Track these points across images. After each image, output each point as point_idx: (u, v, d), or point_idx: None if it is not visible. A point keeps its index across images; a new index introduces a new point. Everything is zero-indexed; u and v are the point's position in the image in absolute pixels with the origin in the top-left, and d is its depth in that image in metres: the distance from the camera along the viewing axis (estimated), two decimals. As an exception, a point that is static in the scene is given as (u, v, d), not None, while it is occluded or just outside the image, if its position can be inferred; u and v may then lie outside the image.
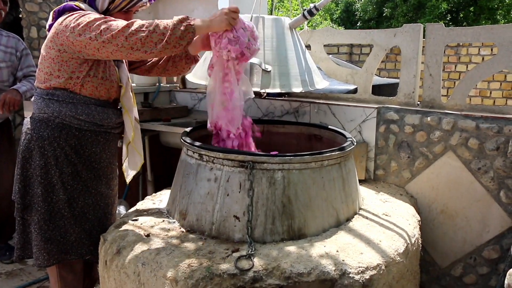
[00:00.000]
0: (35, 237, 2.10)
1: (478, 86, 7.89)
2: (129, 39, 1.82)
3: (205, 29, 1.96)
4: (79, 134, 2.08)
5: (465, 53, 8.15)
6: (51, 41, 2.00)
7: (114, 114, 2.17)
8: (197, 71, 2.51)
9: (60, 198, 2.07)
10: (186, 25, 1.86)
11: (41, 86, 2.08)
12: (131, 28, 1.83)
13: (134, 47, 1.83)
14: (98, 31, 1.84)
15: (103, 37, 1.83)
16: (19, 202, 2.12)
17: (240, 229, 1.85)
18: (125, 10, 2.13)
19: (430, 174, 2.60)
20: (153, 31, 1.82)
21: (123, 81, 2.18)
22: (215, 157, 1.93)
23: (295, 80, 2.39)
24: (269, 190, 1.85)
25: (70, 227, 2.10)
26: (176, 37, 1.84)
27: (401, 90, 2.77)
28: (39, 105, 2.08)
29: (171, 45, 1.85)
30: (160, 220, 2.08)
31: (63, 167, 2.06)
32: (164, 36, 1.83)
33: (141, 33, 1.82)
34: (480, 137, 2.42)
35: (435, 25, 2.64)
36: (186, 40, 1.87)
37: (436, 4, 14.40)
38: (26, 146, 2.09)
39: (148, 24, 1.84)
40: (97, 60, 2.04)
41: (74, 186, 2.09)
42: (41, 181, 2.06)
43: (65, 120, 2.05)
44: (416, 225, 2.17)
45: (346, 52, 9.00)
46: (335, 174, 2.01)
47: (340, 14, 18.64)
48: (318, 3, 2.57)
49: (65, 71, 2.01)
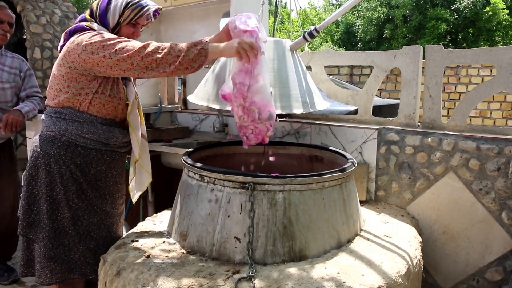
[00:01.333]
0: (39, 255, 2.10)
1: (479, 106, 7.90)
2: (145, 59, 1.89)
3: (217, 55, 2.01)
4: (84, 152, 2.10)
5: (465, 73, 8.19)
6: (63, 59, 2.07)
7: (120, 133, 2.19)
8: (199, 92, 2.52)
9: (65, 216, 2.07)
10: (200, 49, 1.92)
11: (50, 104, 2.12)
12: (147, 49, 1.90)
13: (149, 67, 1.91)
14: (113, 50, 1.92)
15: (118, 55, 1.91)
16: (23, 219, 2.12)
17: (241, 250, 1.84)
18: (133, 23, 2.18)
19: (431, 195, 2.60)
20: (169, 53, 1.89)
21: (130, 99, 2.20)
22: (216, 178, 1.93)
23: (296, 102, 2.41)
24: (270, 211, 1.85)
25: (75, 245, 2.10)
26: (189, 59, 1.90)
27: (402, 111, 2.78)
28: (46, 123, 2.12)
29: (183, 66, 1.91)
30: (161, 241, 2.07)
31: (68, 185, 2.07)
32: (178, 58, 1.89)
33: (157, 54, 1.89)
34: (480, 158, 2.42)
35: (434, 47, 2.66)
36: (198, 63, 1.93)
37: (435, 25, 14.54)
38: (33, 164, 2.11)
39: (164, 46, 1.91)
40: (106, 78, 2.09)
41: (79, 204, 2.10)
42: (46, 198, 2.07)
43: (71, 138, 2.07)
44: (417, 247, 2.16)
45: (347, 73, 9.05)
46: (336, 195, 2.01)
47: (341, 35, 18.82)
48: (318, 25, 2.60)
49: (74, 87, 2.05)
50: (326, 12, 22.87)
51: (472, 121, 7.95)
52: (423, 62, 2.69)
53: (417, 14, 15.10)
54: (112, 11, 2.14)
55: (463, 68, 8.15)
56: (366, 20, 16.46)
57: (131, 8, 2.15)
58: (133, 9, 2.16)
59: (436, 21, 14.61)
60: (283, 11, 19.72)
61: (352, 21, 17.87)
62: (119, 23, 2.17)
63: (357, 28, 17.32)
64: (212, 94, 2.41)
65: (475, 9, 14.75)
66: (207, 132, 3.65)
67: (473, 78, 8.11)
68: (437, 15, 14.66)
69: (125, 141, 2.22)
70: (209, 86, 2.47)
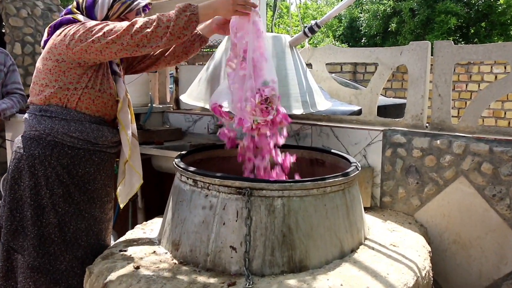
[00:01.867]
0: (21, 265, 2.09)
1: (491, 106, 7.94)
2: (134, 37, 1.93)
3: (211, 15, 2.05)
4: (72, 152, 2.09)
5: (477, 71, 8.23)
6: (48, 52, 2.08)
7: (109, 132, 2.19)
8: (192, 92, 2.53)
9: (51, 222, 2.07)
10: (189, 15, 1.95)
11: (35, 101, 2.12)
12: (135, 26, 1.94)
13: (140, 44, 1.95)
14: (101, 33, 1.96)
15: (107, 38, 1.95)
16: (5, 227, 2.11)
17: (237, 260, 1.84)
18: (122, 17, 2.21)
19: (440, 201, 2.61)
20: (158, 25, 1.93)
21: (120, 95, 2.21)
22: (210, 183, 1.94)
23: (296, 102, 2.41)
24: (268, 219, 1.85)
25: (61, 254, 2.09)
26: (179, 27, 1.94)
27: (409, 112, 2.79)
28: (30, 122, 2.12)
29: (175, 36, 1.95)
30: (151, 251, 2.07)
31: (54, 188, 2.07)
32: (168, 29, 1.93)
33: (146, 29, 1.93)
34: (494, 162, 2.43)
35: (443, 43, 2.68)
36: (190, 29, 1.97)
37: (445, 19, 14.58)
38: (16, 166, 2.10)
39: (152, 20, 1.95)
40: (96, 71, 2.11)
41: (65, 209, 2.09)
42: (30, 203, 2.06)
43: (57, 138, 2.07)
44: (426, 257, 2.17)
45: (350, 70, 9.09)
46: (339, 201, 2.02)
47: (344, 30, 18.86)
48: (319, 19, 2.61)
49: (62, 81, 2.06)
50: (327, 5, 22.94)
51: (485, 122, 7.99)
52: (432, 59, 2.70)
53: (425, 8, 15.15)
54: (100, 4, 2.16)
55: (474, 65, 8.19)
56: (371, 14, 16.49)
57: (120, 1, 2.18)
58: (123, 3, 2.18)
59: (446, 15, 14.65)
60: (282, 5, 19.76)
61: (356, 15, 17.92)
62: (107, 17, 2.18)
63: (361, 22, 17.36)
64: (206, 94, 2.42)
65: (488, 2, 14.80)
66: (200, 133, 3.66)
67: (486, 75, 8.15)
68: (447, 8, 14.71)
69: (115, 140, 2.23)
70: (203, 85, 2.47)
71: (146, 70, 2.54)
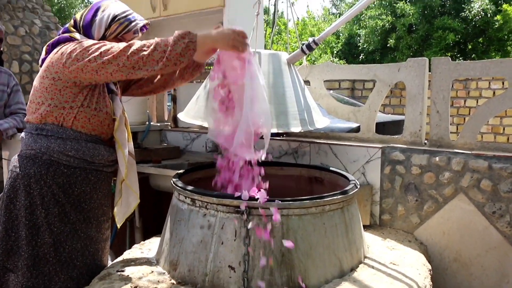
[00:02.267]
0: (15, 285, 2.07)
1: (490, 122, 7.97)
2: (130, 59, 1.93)
3: (209, 45, 2.03)
4: (68, 171, 2.09)
5: (475, 87, 8.28)
6: (45, 71, 2.08)
7: (106, 150, 2.19)
8: (190, 110, 2.54)
9: (46, 242, 2.05)
10: (187, 42, 1.94)
11: (31, 119, 2.12)
12: (132, 48, 1.95)
13: (136, 66, 1.94)
14: (98, 53, 1.96)
15: (103, 58, 1.95)
16: (1, 247, 2.10)
17: (236, 280, 1.84)
18: (119, 37, 2.22)
19: (440, 218, 2.61)
20: (155, 49, 1.93)
21: (117, 113, 2.21)
22: (208, 202, 1.94)
23: (294, 119, 2.43)
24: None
25: (55, 274, 2.07)
26: (176, 54, 1.93)
27: (407, 129, 2.80)
28: (27, 141, 2.12)
29: (171, 62, 1.94)
30: (149, 271, 2.06)
31: (49, 207, 2.06)
32: (165, 53, 1.92)
33: (143, 52, 1.93)
34: (493, 178, 2.44)
35: (441, 59, 2.70)
36: (187, 57, 1.96)
37: (442, 35, 14.69)
38: (12, 185, 2.10)
39: (149, 43, 1.95)
40: (92, 90, 2.11)
41: (61, 229, 2.08)
42: (25, 222, 2.05)
43: (53, 157, 2.06)
44: (427, 275, 2.16)
45: (348, 87, 9.13)
46: (338, 219, 2.02)
47: (342, 47, 18.98)
48: (317, 37, 2.63)
49: (58, 99, 2.06)
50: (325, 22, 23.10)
51: (484, 138, 8.01)
52: (429, 75, 2.72)
53: (424, 23, 15.27)
54: (98, 24, 2.18)
55: (472, 81, 8.24)
56: (370, 30, 16.61)
57: (118, 22, 2.19)
58: (121, 23, 2.20)
59: (443, 31, 14.77)
60: (280, 21, 19.91)
61: (355, 32, 18.04)
62: (104, 37, 2.20)
63: (359, 38, 17.47)
64: (204, 112, 2.43)
65: (485, 17, 14.90)
66: (199, 152, 3.66)
67: (484, 91, 8.19)
68: (445, 24, 14.83)
69: (111, 159, 2.22)
70: (201, 103, 2.49)
71: (144, 95, 2.57)
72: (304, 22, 22.40)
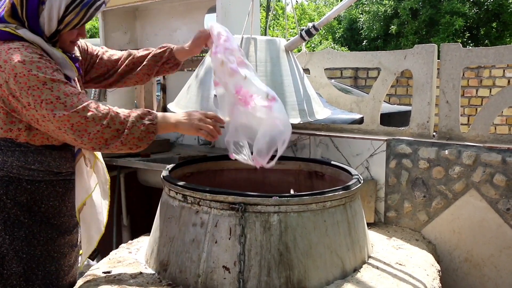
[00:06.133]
0: None
1: (504, 112, 7.98)
2: (75, 128, 1.71)
3: (170, 129, 1.91)
4: (31, 187, 1.89)
5: (488, 75, 8.28)
6: None
7: (73, 156, 2.00)
8: (181, 100, 2.54)
9: (13, 272, 1.88)
10: (148, 125, 1.80)
11: None
12: (82, 114, 1.71)
13: (81, 140, 1.74)
14: (40, 100, 1.69)
15: (44, 110, 1.69)
16: None
17: (231, 282, 1.84)
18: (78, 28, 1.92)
19: (450, 216, 2.62)
20: (107, 125, 1.74)
21: None
22: (201, 198, 1.94)
23: (293, 110, 2.43)
24: (263, 236, 1.86)
25: None
26: (133, 138, 1.78)
27: (414, 120, 2.80)
28: None
29: (126, 146, 1.79)
30: (137, 272, 2.07)
31: (14, 232, 1.87)
32: (118, 133, 1.75)
33: (94, 125, 1.72)
34: (507, 173, 2.44)
35: (451, 45, 2.70)
36: (146, 141, 1.81)
37: (450, 21, 14.66)
38: None
39: (104, 114, 1.74)
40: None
41: (30, 254, 1.90)
42: None
43: (12, 173, 1.85)
44: (435, 276, 2.17)
45: (351, 76, 9.13)
46: (339, 217, 2.02)
47: (343, 32, 18.93)
48: (317, 22, 2.63)
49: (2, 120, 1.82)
50: (326, 6, 23.04)
51: (497, 130, 8.02)
52: (438, 63, 2.72)
53: (428, 8, 15.22)
54: (47, 16, 1.82)
55: (485, 69, 8.24)
56: (372, 15, 16.57)
57: (74, 12, 1.84)
58: (77, 13, 1.84)
59: (451, 16, 14.73)
60: (277, 5, 19.87)
61: (356, 16, 18.01)
62: (58, 31, 1.88)
63: (362, 24, 17.44)
64: (196, 102, 2.43)
65: (498, 1, 14.88)
66: (190, 145, 3.66)
67: (498, 80, 8.20)
68: (453, 9, 14.79)
69: None
70: (192, 93, 2.48)
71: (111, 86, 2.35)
72: (303, 7, 22.35)
